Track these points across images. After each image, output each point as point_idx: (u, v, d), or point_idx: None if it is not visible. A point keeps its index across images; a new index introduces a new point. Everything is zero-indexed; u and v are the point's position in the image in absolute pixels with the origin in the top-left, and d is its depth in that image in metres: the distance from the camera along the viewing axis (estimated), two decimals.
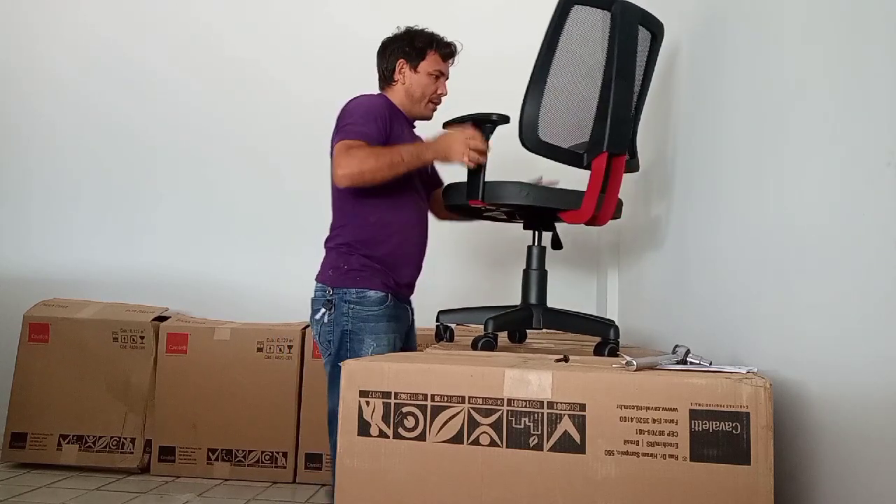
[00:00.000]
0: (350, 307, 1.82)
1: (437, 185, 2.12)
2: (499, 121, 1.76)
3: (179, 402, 2.66)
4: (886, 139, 0.96)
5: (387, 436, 1.16)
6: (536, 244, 1.84)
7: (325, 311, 1.84)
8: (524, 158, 1.71)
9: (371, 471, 1.16)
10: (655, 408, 1.07)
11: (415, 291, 2.02)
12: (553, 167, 1.73)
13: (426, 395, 1.16)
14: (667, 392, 1.07)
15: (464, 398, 1.14)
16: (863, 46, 1.04)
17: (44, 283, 3.07)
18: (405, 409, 1.16)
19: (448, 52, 1.98)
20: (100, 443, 2.69)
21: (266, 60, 3.19)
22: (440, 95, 1.99)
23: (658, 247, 2.18)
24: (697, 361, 1.24)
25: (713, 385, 1.06)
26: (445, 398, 1.15)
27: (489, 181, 1.71)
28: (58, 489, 2.43)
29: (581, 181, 1.72)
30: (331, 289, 1.85)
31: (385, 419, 1.16)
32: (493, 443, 1.12)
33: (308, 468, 2.61)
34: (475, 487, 1.12)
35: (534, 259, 1.82)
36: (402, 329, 1.93)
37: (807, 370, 1.17)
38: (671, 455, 1.06)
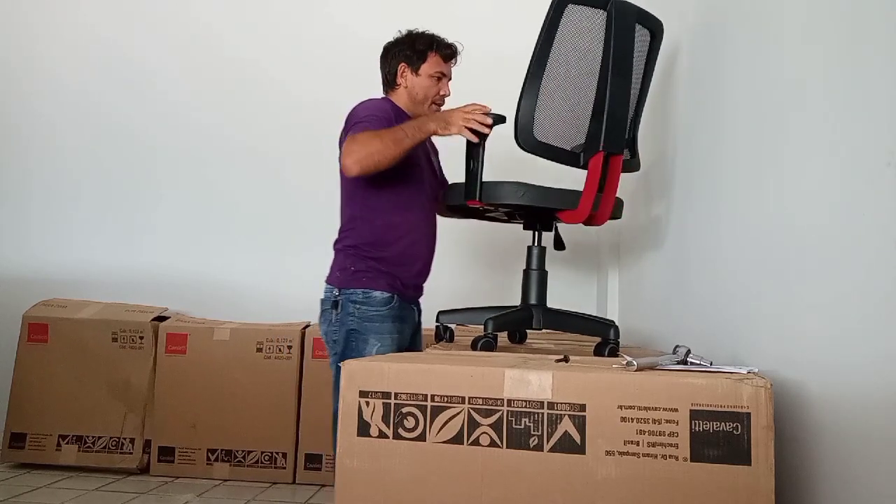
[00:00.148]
0: (356, 307, 1.83)
1: (444, 187, 2.12)
2: (496, 120, 1.73)
3: (179, 403, 2.66)
4: (886, 139, 0.95)
5: (387, 436, 1.16)
6: (536, 244, 1.84)
7: (333, 312, 1.86)
8: (522, 158, 1.70)
9: (371, 471, 1.16)
10: (656, 408, 1.07)
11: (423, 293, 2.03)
12: (549, 167, 1.73)
13: (426, 396, 1.15)
14: (667, 392, 1.07)
15: (464, 398, 1.14)
16: (863, 46, 1.04)
17: (43, 283, 3.07)
18: (405, 410, 1.16)
19: (449, 54, 1.98)
20: (99, 443, 2.69)
21: (266, 60, 3.19)
22: (443, 96, 1.99)
23: (658, 247, 2.18)
24: (698, 361, 1.23)
25: (713, 385, 1.06)
26: (445, 398, 1.15)
27: (486, 181, 1.71)
28: (57, 489, 2.43)
29: (578, 181, 1.72)
30: (338, 290, 1.86)
31: (385, 419, 1.16)
32: (494, 443, 1.12)
33: (308, 469, 2.60)
34: (475, 488, 1.12)
35: (534, 259, 1.82)
36: (408, 330, 1.94)
37: (807, 370, 1.17)
38: (671, 455, 1.05)
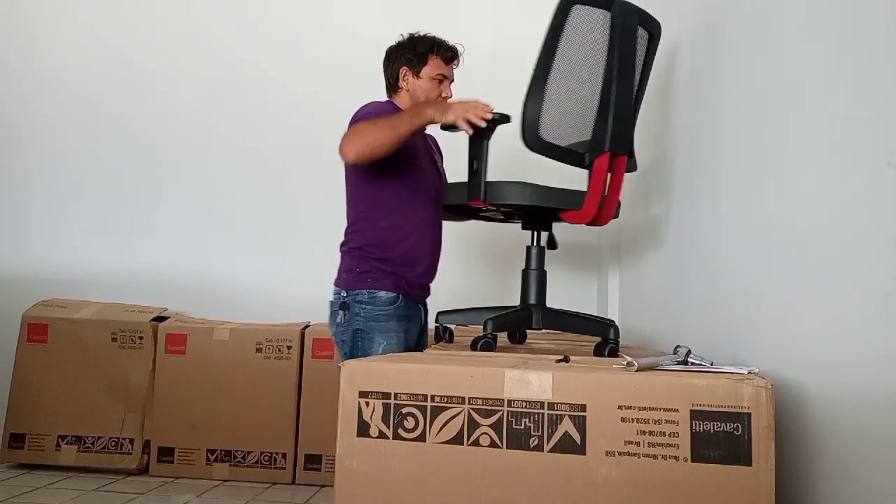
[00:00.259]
0: (362, 307, 1.86)
1: None
2: (499, 120, 1.71)
3: (178, 403, 2.66)
4: (886, 139, 0.95)
5: (386, 436, 1.16)
6: (535, 244, 1.84)
7: (340, 313, 1.89)
8: (522, 157, 1.70)
9: (371, 471, 1.15)
10: (656, 408, 1.07)
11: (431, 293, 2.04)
12: (554, 166, 1.73)
13: (426, 396, 1.15)
14: (667, 393, 1.07)
15: (464, 399, 1.14)
16: (863, 46, 1.04)
17: (43, 283, 3.07)
18: (405, 410, 1.16)
19: (450, 56, 1.99)
20: (98, 443, 2.68)
21: (266, 60, 3.18)
22: (445, 98, 1.99)
23: (658, 247, 2.18)
24: (698, 362, 1.23)
25: (714, 385, 1.06)
26: (445, 399, 1.15)
27: (491, 181, 1.70)
28: (56, 490, 2.43)
29: (574, 180, 1.72)
30: (345, 291, 1.89)
31: (385, 420, 1.16)
32: (494, 443, 1.12)
33: (307, 469, 2.60)
34: (475, 488, 1.11)
35: (533, 259, 1.82)
36: (415, 329, 1.96)
37: (807, 370, 1.17)
38: (672, 456, 1.05)
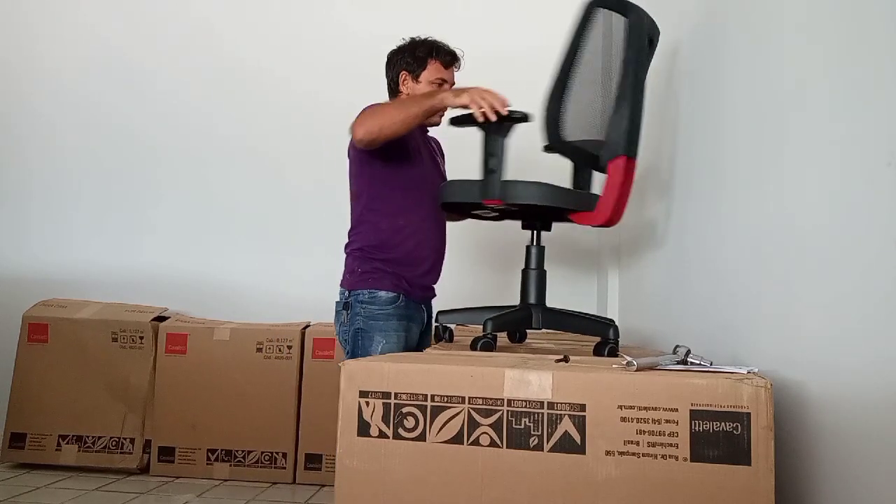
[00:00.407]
0: (362, 307, 1.88)
1: None
2: (520, 118, 1.64)
3: (179, 403, 2.66)
4: (886, 139, 0.95)
5: (387, 436, 1.16)
6: (535, 244, 1.83)
7: (343, 313, 1.91)
8: (520, 157, 1.70)
9: (371, 471, 1.16)
10: (656, 408, 1.07)
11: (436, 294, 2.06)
12: (540, 165, 1.73)
13: (426, 396, 1.15)
14: (667, 392, 1.07)
15: (464, 398, 1.14)
16: (863, 46, 1.04)
17: (43, 283, 3.07)
18: (405, 410, 1.16)
19: (449, 60, 2.00)
20: (99, 443, 2.69)
21: (266, 60, 3.18)
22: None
23: (658, 247, 2.18)
24: (698, 361, 1.23)
25: (714, 385, 1.06)
26: (445, 398, 1.15)
27: (508, 180, 1.66)
28: (57, 489, 2.43)
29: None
30: (348, 291, 1.92)
31: (385, 419, 1.16)
32: (494, 443, 1.12)
33: (307, 469, 2.60)
34: (475, 488, 1.12)
35: (532, 259, 1.82)
36: (416, 329, 1.98)
37: (807, 370, 1.17)
38: (671, 455, 1.05)
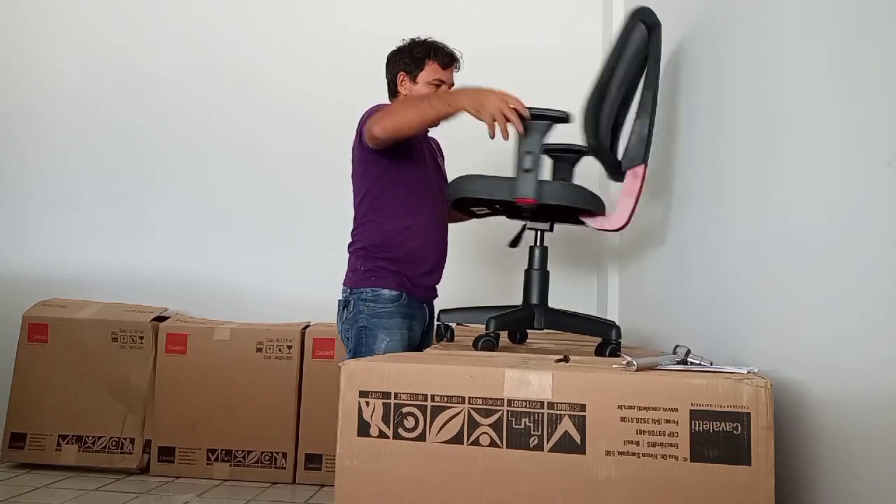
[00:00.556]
0: (365, 305, 1.89)
1: None
2: (561, 118, 1.59)
3: (179, 403, 2.66)
4: (886, 139, 0.95)
5: (387, 436, 1.16)
6: (538, 244, 1.83)
7: (345, 311, 1.92)
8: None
9: (371, 471, 1.15)
10: (656, 408, 1.07)
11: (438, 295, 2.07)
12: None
13: (426, 396, 1.15)
14: (667, 392, 1.07)
15: (464, 398, 1.14)
16: (863, 46, 1.04)
17: (43, 283, 3.07)
18: (405, 410, 1.16)
19: (447, 61, 1.99)
20: (99, 443, 2.69)
21: (266, 60, 3.18)
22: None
23: (658, 247, 2.18)
24: (698, 361, 1.23)
25: (714, 385, 1.06)
26: (445, 398, 1.15)
27: (545, 180, 1.65)
28: (57, 489, 2.43)
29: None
30: (350, 290, 1.92)
31: (385, 419, 1.16)
32: (494, 443, 1.12)
33: (308, 469, 2.61)
34: (475, 488, 1.12)
35: (536, 259, 1.82)
36: (418, 327, 1.98)
37: (807, 370, 1.17)
38: (671, 455, 1.05)
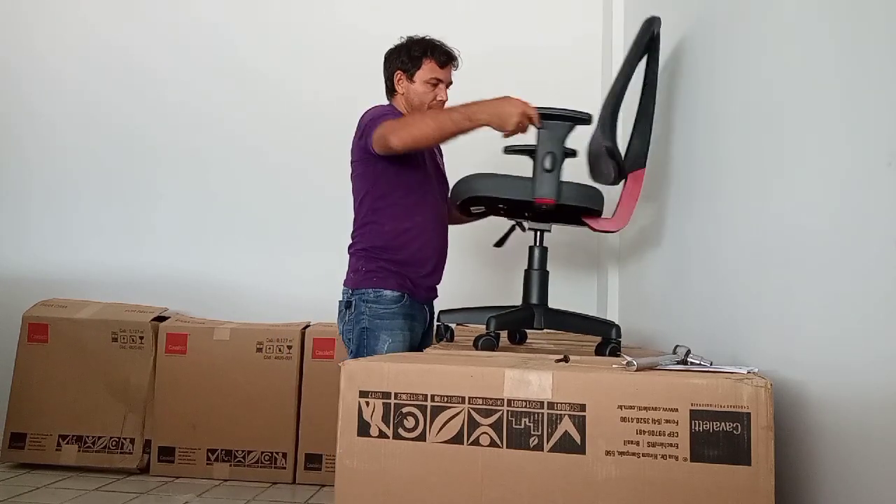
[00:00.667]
0: (367, 306, 1.88)
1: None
2: (583, 119, 1.59)
3: (179, 403, 2.66)
4: (886, 139, 0.95)
5: (387, 436, 1.16)
6: (538, 245, 1.83)
7: (347, 312, 1.92)
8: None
9: (371, 471, 1.16)
10: (656, 408, 1.07)
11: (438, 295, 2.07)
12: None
13: (426, 396, 1.15)
14: (667, 392, 1.07)
15: (464, 398, 1.14)
16: (863, 46, 1.04)
17: (43, 283, 3.07)
18: (405, 410, 1.16)
19: (445, 60, 1.98)
20: (99, 443, 2.69)
21: (267, 60, 3.18)
22: (440, 102, 1.98)
23: (658, 247, 2.18)
24: (698, 361, 1.23)
25: (714, 385, 1.06)
26: (445, 398, 1.15)
27: (566, 181, 1.65)
28: (57, 489, 2.43)
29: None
30: (352, 291, 1.92)
31: (385, 419, 1.16)
32: (494, 443, 1.12)
33: (308, 469, 2.61)
34: (475, 488, 1.12)
35: (535, 259, 1.82)
36: (419, 328, 1.99)
37: (807, 370, 1.17)
38: (671, 455, 1.05)
